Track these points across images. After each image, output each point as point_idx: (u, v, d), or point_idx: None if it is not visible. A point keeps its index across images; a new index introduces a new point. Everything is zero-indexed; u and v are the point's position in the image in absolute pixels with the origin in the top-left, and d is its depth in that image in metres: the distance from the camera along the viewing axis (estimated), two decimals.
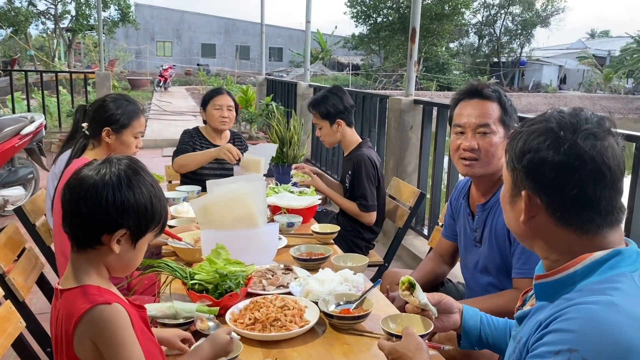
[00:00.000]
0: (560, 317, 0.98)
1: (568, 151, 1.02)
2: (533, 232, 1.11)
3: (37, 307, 3.14)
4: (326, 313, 1.65)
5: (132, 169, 1.27)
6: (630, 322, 0.93)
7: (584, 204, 1.03)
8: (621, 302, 0.96)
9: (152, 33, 39.97)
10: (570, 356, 0.92)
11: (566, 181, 1.02)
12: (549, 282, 1.09)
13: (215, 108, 3.47)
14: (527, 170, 1.07)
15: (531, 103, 25.77)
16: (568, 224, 1.05)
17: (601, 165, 1.02)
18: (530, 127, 1.10)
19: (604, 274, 1.01)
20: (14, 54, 23.11)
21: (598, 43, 41.52)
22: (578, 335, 0.93)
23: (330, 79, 26.90)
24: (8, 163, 5.09)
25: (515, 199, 1.12)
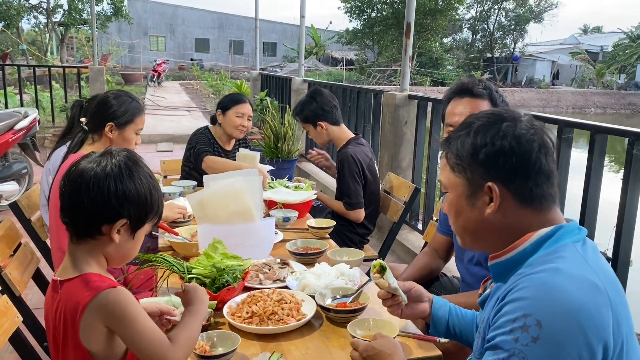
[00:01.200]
0: (514, 289, 1.07)
1: (519, 135, 1.12)
2: (496, 223, 1.16)
3: (32, 302, 3.13)
4: (323, 307, 1.67)
5: (132, 160, 1.30)
6: (574, 282, 1.02)
7: (544, 178, 1.14)
8: (565, 267, 1.05)
9: (145, 28, 39.73)
10: (525, 321, 1.00)
11: (527, 162, 1.12)
12: (502, 261, 1.17)
13: (238, 115, 3.42)
14: (487, 164, 1.14)
15: (524, 98, 25.85)
16: (531, 202, 1.14)
17: (546, 142, 1.15)
18: (466, 128, 1.18)
19: (550, 247, 1.11)
20: (5, 48, 22.90)
21: (591, 39, 41.68)
22: (530, 300, 1.02)
23: (324, 74, 26.87)
24: (2, 158, 5.06)
25: (474, 197, 1.17)
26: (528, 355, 0.98)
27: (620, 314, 1.03)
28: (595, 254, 1.12)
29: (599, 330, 0.98)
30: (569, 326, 0.97)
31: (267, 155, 6.11)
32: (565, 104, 26.75)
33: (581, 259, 1.08)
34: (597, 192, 2.61)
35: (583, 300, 1.00)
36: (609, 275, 1.08)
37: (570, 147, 2.80)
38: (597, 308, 1.00)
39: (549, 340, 0.97)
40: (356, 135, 3.27)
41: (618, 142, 15.30)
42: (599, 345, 0.98)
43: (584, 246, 1.12)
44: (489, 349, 1.06)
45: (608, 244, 2.64)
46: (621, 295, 1.07)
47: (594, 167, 2.58)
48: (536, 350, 0.98)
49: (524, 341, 0.99)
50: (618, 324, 1.01)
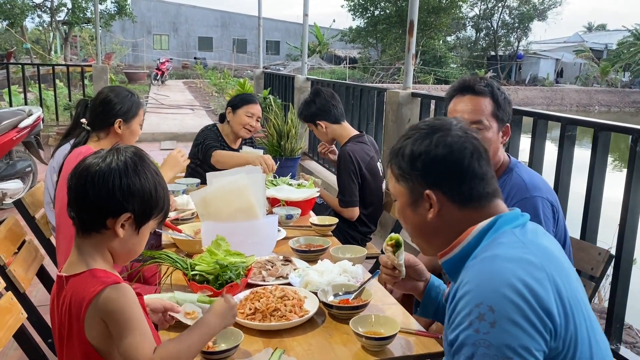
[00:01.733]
0: (461, 284, 1.13)
1: (451, 143, 1.21)
2: (440, 225, 1.24)
3: (37, 299, 3.15)
4: (325, 303, 1.67)
5: (138, 156, 1.31)
6: (511, 263, 1.10)
7: (478, 180, 1.21)
8: (501, 252, 1.13)
9: (148, 26, 39.77)
10: (479, 310, 1.05)
11: (459, 167, 1.20)
12: (451, 258, 1.24)
13: (248, 115, 3.43)
14: (424, 172, 1.22)
15: (528, 97, 25.78)
16: (469, 203, 1.22)
17: (478, 146, 1.22)
18: (406, 141, 1.26)
19: (491, 237, 1.18)
20: (9, 47, 22.96)
21: (595, 36, 41.52)
22: (476, 291, 1.08)
23: (328, 73, 26.84)
24: (6, 156, 5.08)
25: (416, 204, 1.26)
26: (492, 341, 1.03)
27: (561, 285, 1.09)
28: (535, 235, 1.20)
29: (542, 300, 1.05)
30: (517, 302, 1.03)
31: (270, 154, 6.11)
32: (569, 102, 26.68)
33: (518, 242, 1.15)
34: (600, 190, 2.60)
35: (523, 277, 1.06)
36: (547, 252, 1.15)
37: (574, 144, 2.80)
38: (537, 282, 1.06)
39: (504, 320, 1.03)
40: (359, 133, 3.27)
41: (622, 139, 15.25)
42: (545, 314, 1.04)
43: (522, 230, 1.20)
44: (456, 351, 1.08)
45: (612, 242, 2.64)
46: (561, 270, 1.13)
47: (597, 165, 2.58)
48: (497, 333, 1.03)
49: (484, 329, 1.04)
50: (559, 294, 1.08)
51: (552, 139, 4.02)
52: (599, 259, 2.03)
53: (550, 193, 1.88)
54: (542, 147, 2.97)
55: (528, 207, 1.80)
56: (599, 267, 2.02)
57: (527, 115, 3.05)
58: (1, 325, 1.66)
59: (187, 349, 1.28)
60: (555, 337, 1.05)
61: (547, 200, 1.83)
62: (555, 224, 1.85)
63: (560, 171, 2.78)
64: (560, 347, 1.06)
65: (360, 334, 1.49)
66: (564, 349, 1.07)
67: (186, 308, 1.57)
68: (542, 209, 1.80)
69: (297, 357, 1.45)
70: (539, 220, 1.78)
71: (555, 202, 1.87)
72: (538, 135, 2.95)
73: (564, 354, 1.07)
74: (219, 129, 3.54)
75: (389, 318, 1.58)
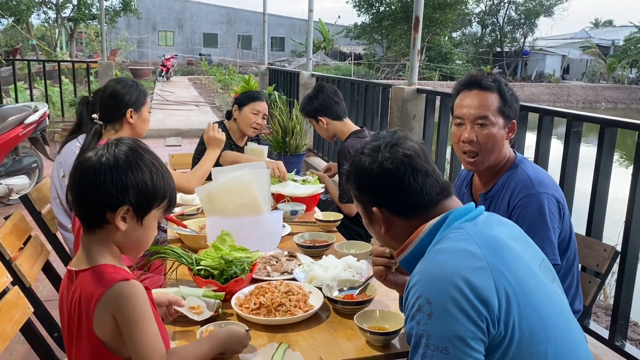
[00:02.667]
0: (411, 279, 1.19)
1: (383, 164, 1.29)
2: (394, 236, 1.33)
3: (43, 294, 3.17)
4: (330, 298, 1.68)
5: (131, 147, 1.31)
6: (450, 255, 1.16)
7: (416, 193, 1.27)
8: (445, 246, 1.19)
9: (153, 22, 39.82)
10: (419, 302, 1.12)
11: (395, 185, 1.28)
12: (406, 256, 1.30)
13: (253, 112, 3.42)
14: (366, 193, 1.33)
15: (534, 93, 25.67)
16: (413, 214, 1.29)
17: (409, 162, 1.28)
18: (352, 167, 1.36)
19: (442, 233, 1.24)
20: (15, 43, 23.04)
21: (602, 32, 41.25)
22: (419, 284, 1.14)
23: (332, 69, 26.81)
24: (12, 152, 5.11)
25: (371, 219, 1.35)
26: (429, 332, 1.09)
27: (504, 273, 1.13)
28: (485, 226, 1.25)
29: (478, 289, 1.09)
30: (451, 293, 1.09)
31: (275, 150, 6.11)
32: (575, 99, 26.55)
33: (464, 235, 1.20)
34: (606, 187, 2.59)
35: (459, 268, 1.12)
36: (494, 241, 1.20)
37: (580, 140, 2.78)
38: (472, 272, 1.11)
39: (440, 311, 1.09)
40: (360, 129, 3.27)
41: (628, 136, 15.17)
42: (480, 303, 1.08)
43: (473, 223, 1.24)
44: (408, 341, 1.16)
45: (617, 239, 2.63)
46: (507, 257, 1.17)
47: (603, 161, 2.57)
48: (433, 324, 1.09)
49: (423, 320, 1.10)
50: (500, 282, 1.11)
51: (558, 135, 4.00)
52: (604, 255, 2.02)
53: (556, 189, 1.87)
54: (548, 143, 2.96)
55: (533, 203, 1.79)
56: (605, 264, 2.01)
57: (532, 112, 3.03)
58: (8, 320, 1.67)
59: (197, 358, 1.30)
60: (493, 324, 1.09)
61: (552, 197, 1.82)
62: (561, 221, 1.85)
63: (566, 168, 2.76)
64: (502, 331, 1.10)
65: (364, 329, 1.49)
66: (507, 332, 1.10)
67: (190, 302, 1.58)
68: (547, 205, 1.79)
69: (302, 352, 1.45)
70: (544, 216, 1.78)
71: (561, 198, 1.87)
72: (544, 131, 2.94)
73: (509, 336, 1.10)
74: (226, 126, 3.53)
75: (394, 313, 1.58)
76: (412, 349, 1.14)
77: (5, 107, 5.09)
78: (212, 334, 1.39)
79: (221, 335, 1.38)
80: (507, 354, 1.11)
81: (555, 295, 1.24)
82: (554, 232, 1.80)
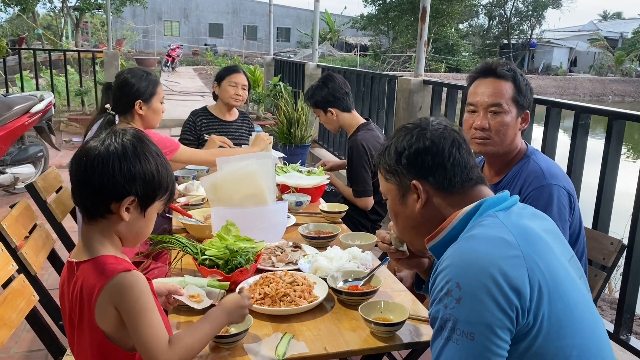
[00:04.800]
0: (440, 263, 1.18)
1: (430, 136, 1.29)
2: (427, 215, 1.31)
3: (49, 282, 3.18)
4: (335, 289, 1.67)
5: (137, 137, 1.30)
6: (484, 242, 1.15)
7: (460, 167, 1.28)
8: (478, 232, 1.18)
9: (159, 12, 39.73)
10: (448, 286, 1.11)
11: (441, 156, 1.28)
12: (437, 243, 1.28)
13: (231, 85, 3.54)
14: (408, 165, 1.31)
15: (540, 86, 25.51)
16: (453, 189, 1.28)
17: (456, 137, 1.30)
18: (390, 141, 1.36)
19: (475, 221, 1.23)
20: (21, 32, 23.04)
21: (610, 25, 40.87)
22: (449, 268, 1.13)
23: (338, 60, 26.70)
24: (18, 141, 5.12)
25: (405, 197, 1.33)
26: (457, 316, 1.08)
27: (536, 264, 1.12)
28: (519, 217, 1.24)
29: (510, 279, 1.08)
30: (483, 280, 1.08)
31: (280, 141, 6.11)
32: (582, 92, 26.38)
33: (498, 223, 1.19)
34: (613, 180, 2.58)
35: (492, 255, 1.11)
36: (528, 232, 1.18)
37: (587, 133, 2.76)
38: (506, 260, 1.10)
39: (470, 297, 1.08)
40: (366, 121, 3.25)
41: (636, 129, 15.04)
42: (512, 292, 1.07)
43: (506, 212, 1.24)
44: (432, 324, 1.15)
45: (624, 233, 2.62)
46: (540, 248, 1.16)
47: (611, 154, 2.55)
48: (462, 309, 1.08)
49: (451, 305, 1.09)
50: (533, 273, 1.10)
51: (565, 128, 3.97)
52: (611, 248, 2.01)
53: (568, 182, 1.86)
54: (555, 135, 2.94)
55: (544, 194, 1.78)
56: (611, 257, 2.00)
57: (539, 104, 3.01)
58: (14, 307, 1.68)
59: (199, 340, 1.29)
60: (523, 314, 1.08)
61: (563, 189, 1.81)
62: (572, 213, 1.84)
63: (573, 160, 2.75)
64: (531, 322, 1.09)
65: (369, 320, 1.49)
66: (535, 323, 1.09)
67: (189, 290, 1.57)
68: (558, 197, 1.78)
69: (306, 342, 1.45)
70: (553, 208, 1.77)
71: (572, 190, 1.86)
72: (551, 123, 2.92)
73: (536, 327, 1.09)
74: (208, 110, 3.63)
75: (398, 304, 1.58)
76: (435, 331, 1.13)
77: (11, 96, 5.09)
78: (208, 312, 1.37)
79: (217, 310, 1.37)
80: (533, 345, 1.10)
81: (584, 292, 1.22)
82: (565, 224, 1.79)
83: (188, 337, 1.28)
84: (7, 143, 4.82)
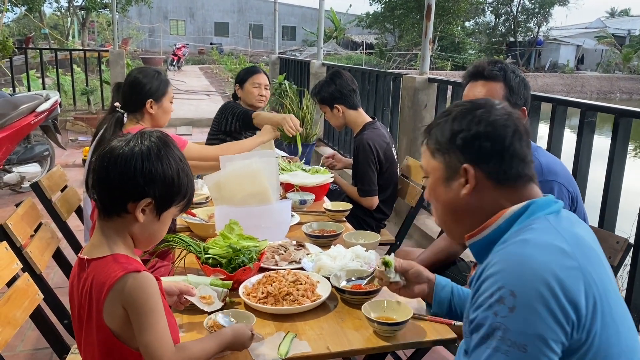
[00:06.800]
0: (487, 266, 1.11)
1: (493, 120, 1.19)
2: (472, 203, 1.22)
3: (54, 281, 3.20)
4: (338, 288, 1.67)
5: (163, 141, 1.30)
6: (541, 249, 1.07)
7: (518, 160, 1.19)
8: (533, 237, 1.10)
9: (165, 11, 39.83)
10: (500, 293, 1.03)
11: (501, 145, 1.18)
12: (479, 240, 1.22)
13: (254, 86, 3.53)
14: (463, 147, 1.20)
15: (547, 84, 25.38)
16: (506, 182, 1.20)
17: (520, 126, 1.20)
18: (446, 117, 1.25)
19: (523, 222, 1.16)
20: (28, 32, 23.16)
21: (618, 22, 40.60)
22: (501, 274, 1.06)
23: (344, 58, 26.68)
24: (24, 140, 5.14)
25: (450, 180, 1.23)
26: (508, 326, 1.02)
27: (592, 276, 1.06)
28: (570, 224, 1.17)
29: (569, 291, 1.02)
30: (540, 290, 1.01)
31: (284, 140, 6.09)
32: (589, 90, 26.22)
33: (552, 229, 1.12)
34: (620, 178, 2.56)
35: (551, 264, 1.04)
36: (581, 241, 1.12)
37: (593, 131, 2.74)
38: (565, 271, 1.04)
39: (525, 307, 1.01)
40: (372, 120, 3.24)
41: None
42: (570, 305, 1.02)
43: (557, 217, 1.17)
44: (473, 330, 1.09)
45: (630, 231, 2.60)
46: (594, 260, 1.11)
47: (617, 152, 2.53)
48: (515, 318, 1.01)
49: (503, 313, 1.03)
50: (589, 286, 1.05)
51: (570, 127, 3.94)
52: (617, 247, 1.99)
53: (568, 180, 1.84)
54: (561, 133, 2.92)
55: (542, 190, 1.77)
56: (617, 256, 1.98)
57: (545, 102, 2.99)
58: (18, 306, 1.69)
59: (205, 354, 1.30)
60: (578, 329, 1.03)
61: (563, 187, 1.79)
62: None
63: (579, 158, 2.73)
64: (583, 338, 1.04)
65: (372, 319, 1.49)
66: (587, 340, 1.04)
67: (201, 292, 1.57)
68: (557, 195, 1.77)
69: (309, 342, 1.45)
70: None
71: (573, 189, 1.84)
72: (557, 121, 2.90)
73: (587, 344, 1.04)
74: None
75: (402, 304, 1.57)
76: (479, 339, 1.06)
77: (17, 96, 5.12)
78: (220, 332, 1.38)
79: (229, 335, 1.37)
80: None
81: (625, 306, 1.17)
82: None
83: (195, 348, 1.28)
84: (14, 142, 4.85)
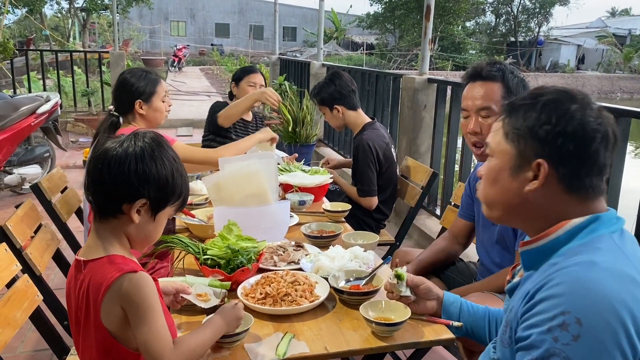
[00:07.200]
0: (547, 284, 1.02)
1: (585, 122, 1.07)
2: (533, 201, 1.13)
3: (54, 282, 3.20)
4: (336, 289, 1.67)
5: (156, 142, 1.31)
6: (611, 276, 0.99)
7: (597, 170, 1.09)
8: (600, 261, 1.01)
9: (165, 12, 39.86)
10: (564, 319, 0.96)
11: (586, 150, 1.08)
12: (534, 249, 1.13)
13: (250, 85, 3.56)
14: (544, 141, 1.09)
15: (548, 83, 25.02)
16: (577, 190, 1.10)
17: (609, 133, 1.09)
18: (532, 100, 1.13)
19: (585, 238, 1.07)
20: (29, 34, 23.18)
21: (618, 22, 40.60)
22: (566, 297, 0.98)
23: (344, 59, 26.69)
24: (24, 142, 5.15)
25: (518, 170, 1.13)
26: (569, 354, 0.95)
27: None
28: (633, 246, 1.09)
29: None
30: (610, 322, 0.94)
31: (285, 140, 6.11)
32: (590, 89, 26.16)
33: (619, 251, 1.04)
34: (619, 178, 2.56)
35: (622, 295, 0.96)
36: None
37: None
38: (637, 303, 0.96)
39: (591, 338, 0.94)
40: (372, 120, 3.24)
41: None
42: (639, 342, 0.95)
43: (621, 237, 1.08)
44: (522, 349, 1.02)
45: (630, 231, 2.59)
46: None
47: (616, 152, 2.52)
48: (578, 348, 0.94)
49: (564, 340, 0.95)
50: None
51: None
52: None
53: None
54: None
55: None
56: None
57: None
58: (18, 307, 1.69)
59: (201, 344, 1.31)
60: None
61: None
62: None
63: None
64: None
65: (370, 320, 1.49)
66: None
67: (197, 290, 1.58)
68: None
69: (307, 342, 1.45)
70: None
71: None
72: None
73: None
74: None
75: (400, 304, 1.58)
76: (527, 357, 1.00)
77: (17, 97, 5.13)
78: (208, 320, 1.39)
79: (216, 318, 1.38)
80: None
81: None
82: None
83: (192, 341, 1.29)
84: (14, 144, 4.85)
